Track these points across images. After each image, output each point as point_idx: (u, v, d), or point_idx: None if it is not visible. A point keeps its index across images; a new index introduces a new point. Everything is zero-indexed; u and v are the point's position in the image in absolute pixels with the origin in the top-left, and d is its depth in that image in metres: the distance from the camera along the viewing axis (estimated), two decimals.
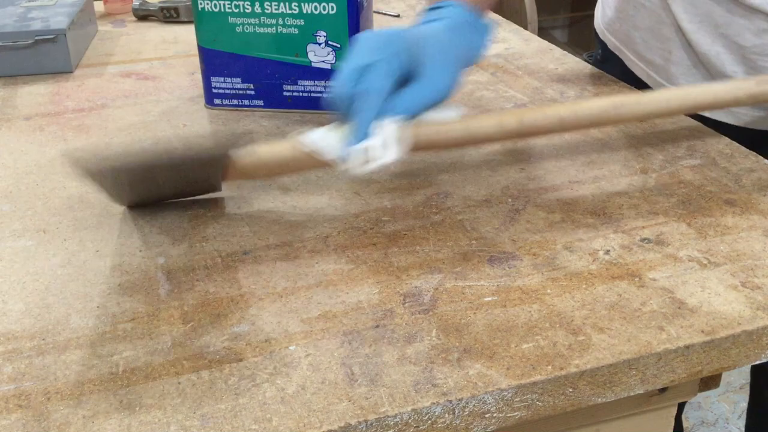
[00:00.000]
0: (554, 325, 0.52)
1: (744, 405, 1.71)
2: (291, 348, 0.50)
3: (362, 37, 0.63)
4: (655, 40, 0.87)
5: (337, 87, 0.59)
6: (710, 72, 0.83)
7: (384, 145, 0.59)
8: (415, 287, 0.56)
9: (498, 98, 0.89)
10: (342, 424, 0.44)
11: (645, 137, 0.79)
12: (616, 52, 0.95)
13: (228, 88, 0.87)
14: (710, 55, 0.81)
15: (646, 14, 0.87)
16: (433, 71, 0.61)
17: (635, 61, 0.92)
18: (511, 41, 1.10)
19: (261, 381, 0.48)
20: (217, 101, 0.88)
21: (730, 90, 0.69)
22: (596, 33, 1.01)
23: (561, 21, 3.73)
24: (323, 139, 0.61)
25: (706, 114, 0.84)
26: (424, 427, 0.46)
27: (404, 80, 0.61)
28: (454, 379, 0.47)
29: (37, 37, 0.97)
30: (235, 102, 0.88)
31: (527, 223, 0.64)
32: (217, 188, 0.68)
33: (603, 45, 0.99)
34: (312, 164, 0.64)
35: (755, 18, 0.77)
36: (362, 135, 0.59)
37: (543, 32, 3.45)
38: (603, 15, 0.98)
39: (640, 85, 0.92)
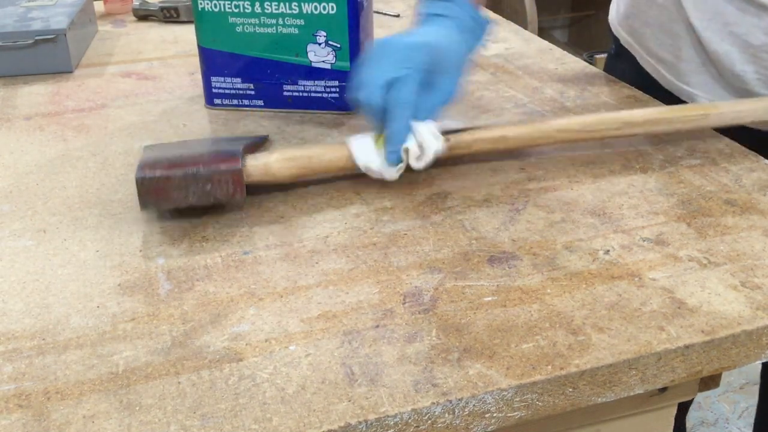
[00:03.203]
0: (554, 325, 0.52)
1: (744, 405, 1.71)
2: (291, 348, 0.50)
3: (384, 45, 0.68)
4: (665, 36, 0.87)
5: (368, 97, 0.65)
6: (719, 71, 0.83)
7: (422, 146, 0.67)
8: (415, 287, 0.56)
9: (498, 98, 0.89)
10: (342, 424, 0.44)
11: (645, 137, 0.79)
12: (628, 48, 0.96)
13: (228, 88, 0.87)
14: (720, 53, 0.81)
15: (657, 11, 0.87)
16: (449, 81, 0.68)
17: (646, 58, 0.92)
18: (511, 41, 1.10)
19: (261, 381, 0.48)
20: (217, 101, 0.88)
21: None
22: (610, 28, 1.01)
23: (561, 21, 3.73)
24: (366, 153, 0.68)
25: None
26: (424, 427, 0.46)
27: (421, 88, 0.67)
28: (454, 379, 0.47)
29: (37, 37, 0.97)
30: (235, 102, 0.88)
31: (527, 223, 0.64)
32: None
33: (616, 40, 0.99)
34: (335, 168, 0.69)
35: (766, 17, 0.77)
36: (399, 142, 0.66)
37: (543, 32, 3.45)
38: (617, 10, 0.98)
39: (651, 81, 0.92)
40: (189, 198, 0.62)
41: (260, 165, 0.66)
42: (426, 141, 0.67)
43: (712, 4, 0.80)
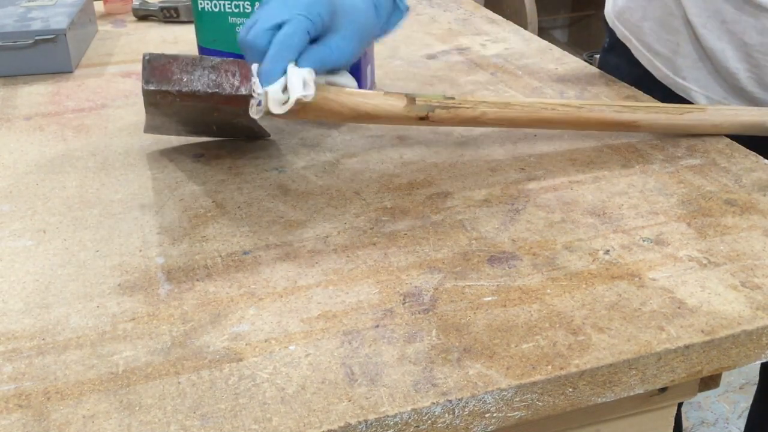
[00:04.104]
0: (554, 325, 0.52)
1: (744, 405, 1.71)
2: (291, 348, 0.50)
3: None
4: (663, 31, 0.89)
5: (254, 38, 0.63)
6: (715, 67, 0.85)
7: (287, 88, 0.63)
8: (415, 287, 0.56)
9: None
10: (342, 424, 0.44)
11: (645, 137, 0.79)
12: (624, 41, 0.97)
13: None
14: (715, 50, 0.82)
15: (657, 5, 0.89)
16: (342, 40, 0.66)
17: (642, 51, 0.93)
18: (511, 41, 1.10)
19: (261, 381, 0.48)
20: None
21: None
22: (605, 21, 1.02)
23: (561, 21, 3.73)
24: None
25: None
26: (424, 427, 0.46)
27: (314, 39, 0.65)
28: (454, 379, 0.47)
29: (37, 37, 0.97)
30: None
31: (527, 223, 0.64)
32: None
33: (611, 33, 1.00)
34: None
35: (762, 16, 0.78)
36: (267, 83, 0.63)
37: (543, 32, 3.46)
38: (614, 4, 1.00)
39: (645, 74, 0.93)
40: (193, 82, 0.60)
41: None
42: (292, 85, 0.63)
43: (710, 1, 0.81)
